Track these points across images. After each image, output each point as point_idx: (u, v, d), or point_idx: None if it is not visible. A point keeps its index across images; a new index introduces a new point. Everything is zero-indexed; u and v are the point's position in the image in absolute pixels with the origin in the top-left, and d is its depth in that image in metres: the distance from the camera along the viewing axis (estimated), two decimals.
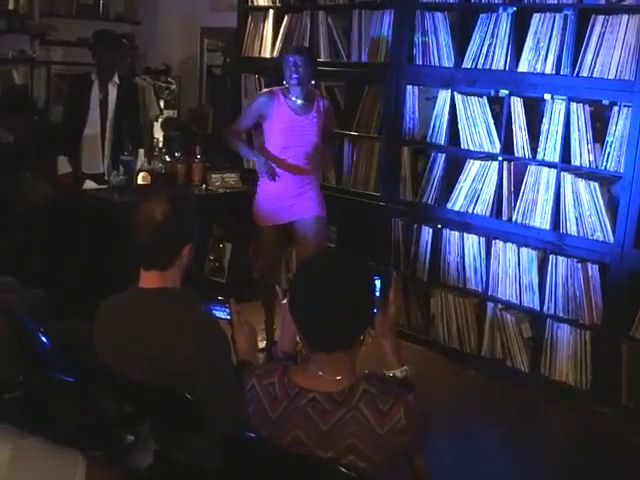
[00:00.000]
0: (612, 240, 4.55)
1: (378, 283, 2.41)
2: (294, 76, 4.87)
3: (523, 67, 4.88)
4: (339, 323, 2.14)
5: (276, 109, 4.93)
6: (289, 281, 2.35)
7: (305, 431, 2.13)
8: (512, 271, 5.00)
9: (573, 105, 4.65)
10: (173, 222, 2.59)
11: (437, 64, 5.31)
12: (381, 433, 2.08)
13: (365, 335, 2.21)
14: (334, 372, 2.17)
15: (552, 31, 4.73)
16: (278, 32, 6.33)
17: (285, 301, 2.32)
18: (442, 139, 5.30)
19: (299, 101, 4.95)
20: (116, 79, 6.16)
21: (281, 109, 4.94)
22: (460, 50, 5.16)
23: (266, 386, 2.23)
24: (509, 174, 4.97)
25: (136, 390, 2.49)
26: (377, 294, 2.40)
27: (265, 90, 5.23)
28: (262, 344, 4.90)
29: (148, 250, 2.62)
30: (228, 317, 2.77)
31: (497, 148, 5.02)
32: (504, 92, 5.00)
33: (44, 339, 2.95)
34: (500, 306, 5.11)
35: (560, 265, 4.78)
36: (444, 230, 5.34)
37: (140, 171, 5.76)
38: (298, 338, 2.30)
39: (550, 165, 4.78)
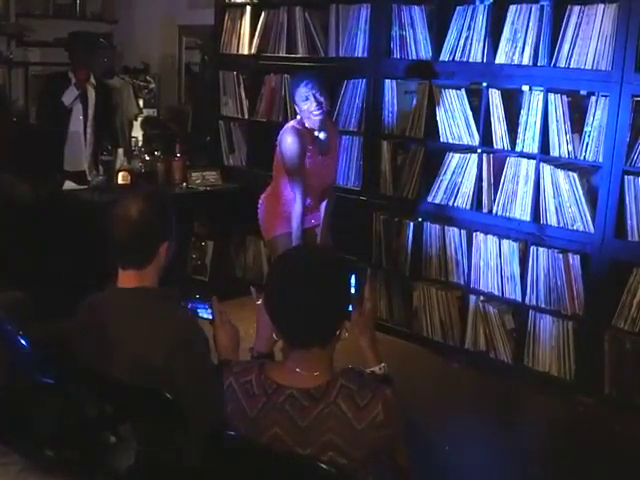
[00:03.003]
0: (592, 230, 4.57)
1: (353, 280, 2.41)
2: (317, 111, 4.44)
3: (500, 59, 4.88)
4: (315, 318, 2.14)
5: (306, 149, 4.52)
6: (265, 277, 2.34)
7: (284, 428, 2.13)
8: (494, 263, 5.01)
9: (551, 96, 4.66)
10: (149, 220, 2.58)
11: (415, 57, 5.31)
12: (359, 428, 2.08)
13: (341, 330, 2.21)
14: (311, 368, 2.16)
15: (529, 22, 4.73)
16: (255, 28, 6.32)
17: (260, 302, 2.31)
18: (421, 132, 5.29)
19: (322, 135, 4.56)
20: (92, 80, 6.14)
21: (309, 150, 4.52)
22: (437, 43, 5.16)
23: (243, 384, 2.22)
24: (489, 166, 4.98)
25: (116, 390, 2.48)
26: (353, 291, 2.40)
27: (289, 128, 4.54)
28: None
29: (124, 248, 2.61)
30: (210, 317, 2.76)
31: (476, 140, 5.03)
32: (482, 84, 5.00)
33: (23, 341, 2.93)
34: (482, 298, 5.11)
35: (541, 256, 4.78)
36: (425, 223, 5.35)
37: (120, 170, 5.74)
38: (275, 336, 2.28)
39: (529, 156, 4.79)
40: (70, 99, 6.07)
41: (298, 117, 4.58)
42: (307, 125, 4.52)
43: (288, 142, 4.48)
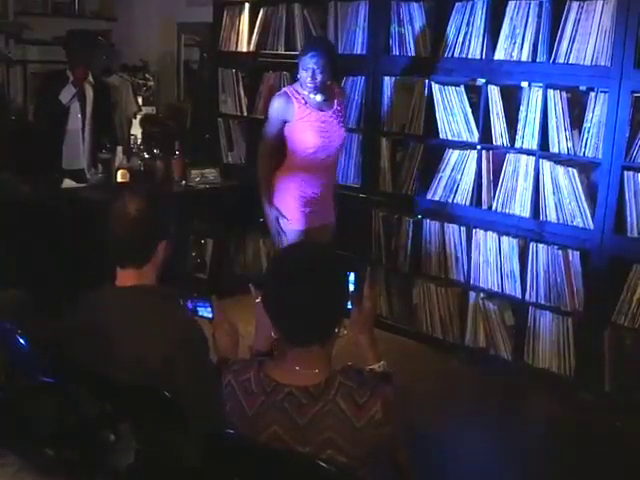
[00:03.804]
0: (592, 226, 4.56)
1: (352, 278, 2.41)
2: (310, 84, 4.65)
3: (499, 55, 4.87)
4: (313, 317, 2.14)
5: (298, 111, 4.70)
6: (263, 276, 2.33)
7: (282, 426, 2.12)
8: (493, 260, 5.01)
9: (550, 92, 4.65)
10: (147, 218, 2.57)
11: (414, 54, 5.30)
12: (358, 426, 2.08)
13: (340, 328, 2.21)
14: (310, 366, 2.16)
15: (528, 18, 4.73)
16: (254, 25, 6.31)
17: (259, 299, 2.31)
18: (420, 129, 5.29)
19: (318, 97, 4.70)
20: (90, 78, 6.14)
21: (302, 109, 4.70)
22: (436, 40, 5.16)
23: (242, 382, 2.22)
24: (488, 163, 4.97)
25: (116, 389, 2.47)
26: (352, 289, 2.39)
27: (279, 93, 4.89)
28: None
29: (123, 247, 2.61)
30: (210, 315, 2.76)
31: (475, 137, 5.02)
32: (481, 81, 4.99)
33: (21, 340, 2.92)
34: (482, 295, 5.11)
35: (541, 252, 4.78)
36: (424, 220, 5.34)
37: (119, 169, 5.73)
38: (273, 334, 2.28)
39: (528, 153, 4.78)
40: (67, 97, 6.06)
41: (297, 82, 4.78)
42: (301, 90, 4.72)
43: (271, 104, 4.87)
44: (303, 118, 4.70)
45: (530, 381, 4.87)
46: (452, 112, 5.11)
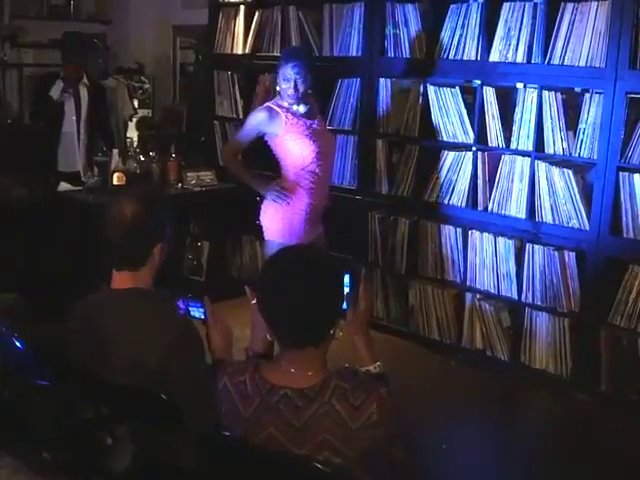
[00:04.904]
0: (588, 227, 4.57)
1: (347, 279, 2.41)
2: (292, 95, 4.44)
3: (494, 57, 4.88)
4: (308, 318, 2.14)
5: (285, 122, 4.46)
6: (257, 278, 2.33)
7: (278, 428, 2.12)
8: (489, 261, 5.01)
9: (545, 93, 4.66)
10: (142, 221, 2.57)
11: (409, 56, 5.31)
12: (354, 428, 2.08)
13: (335, 329, 2.21)
14: (305, 368, 2.16)
15: (522, 20, 4.73)
16: (249, 28, 6.31)
17: (254, 301, 2.30)
18: (416, 131, 5.29)
19: (302, 108, 4.50)
20: (85, 80, 6.14)
21: (290, 119, 4.47)
22: (432, 41, 5.16)
23: (237, 384, 2.22)
24: (484, 164, 4.98)
25: (112, 391, 2.48)
26: (347, 290, 2.39)
27: (261, 107, 4.61)
28: None
29: (118, 250, 2.61)
30: (203, 316, 2.75)
31: (471, 138, 5.03)
32: (476, 82, 5.00)
33: (18, 343, 2.92)
34: (478, 296, 5.11)
35: (537, 253, 4.78)
36: (421, 222, 5.34)
37: (115, 171, 5.73)
38: (268, 336, 2.28)
39: (524, 154, 4.79)
40: (57, 93, 6.07)
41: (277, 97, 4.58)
42: (283, 101, 4.51)
43: (252, 115, 4.64)
44: (292, 129, 4.47)
45: (527, 382, 4.88)
46: (448, 113, 5.11)
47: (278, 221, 4.57)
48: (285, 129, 4.46)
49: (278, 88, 4.54)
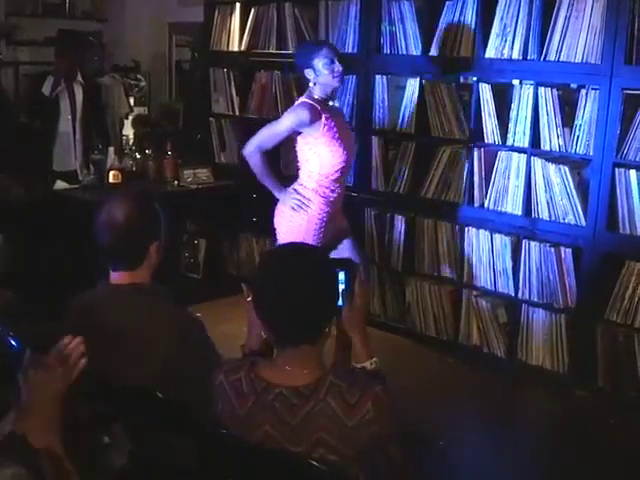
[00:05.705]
0: (584, 223, 4.57)
1: (343, 276, 2.40)
2: (337, 74, 4.28)
3: (490, 53, 4.88)
4: (304, 316, 2.13)
5: (324, 123, 4.29)
6: (253, 276, 2.31)
7: (274, 426, 2.12)
8: (486, 257, 5.01)
9: (541, 90, 4.66)
10: (136, 222, 2.57)
11: (405, 53, 5.30)
12: (350, 426, 2.07)
13: (330, 327, 2.21)
14: (301, 366, 2.15)
15: (518, 16, 4.73)
16: (245, 25, 6.30)
17: (250, 299, 2.30)
18: (412, 128, 5.29)
19: (337, 103, 4.38)
20: (80, 78, 6.14)
21: (328, 120, 4.30)
22: (427, 38, 5.16)
23: (233, 382, 2.21)
24: (480, 161, 4.97)
25: (110, 389, 2.47)
26: (343, 287, 2.39)
27: (303, 103, 4.34)
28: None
29: (114, 252, 2.61)
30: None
31: (467, 135, 5.03)
32: (472, 79, 5.00)
33: (13, 342, 2.92)
34: (475, 293, 5.11)
35: (533, 250, 4.79)
36: (417, 218, 5.35)
37: (111, 169, 5.73)
38: (263, 334, 2.28)
39: (520, 150, 4.79)
40: (48, 88, 6.08)
41: (309, 91, 4.39)
42: (318, 95, 4.34)
43: (294, 113, 4.35)
44: (328, 134, 4.31)
45: (524, 378, 4.88)
46: (444, 110, 5.11)
47: (294, 229, 4.42)
48: (322, 132, 4.30)
49: (313, 82, 4.33)
